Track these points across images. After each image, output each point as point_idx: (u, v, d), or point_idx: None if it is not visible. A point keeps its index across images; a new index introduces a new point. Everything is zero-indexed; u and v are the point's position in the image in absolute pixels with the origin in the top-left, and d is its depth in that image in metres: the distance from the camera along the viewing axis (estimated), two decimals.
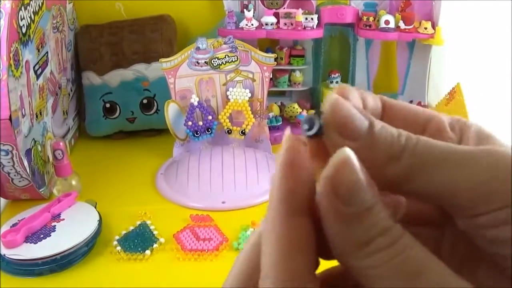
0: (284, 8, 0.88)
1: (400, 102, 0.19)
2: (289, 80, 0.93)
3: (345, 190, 0.15)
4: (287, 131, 0.17)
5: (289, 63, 0.92)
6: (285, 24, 0.86)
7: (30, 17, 0.69)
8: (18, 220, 0.60)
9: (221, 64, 0.79)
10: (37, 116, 0.70)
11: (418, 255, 0.15)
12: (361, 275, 0.15)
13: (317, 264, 0.16)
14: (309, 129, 0.16)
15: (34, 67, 0.70)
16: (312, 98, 0.96)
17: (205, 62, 0.79)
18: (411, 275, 0.14)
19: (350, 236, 0.15)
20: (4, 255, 0.56)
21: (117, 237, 0.61)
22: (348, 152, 0.15)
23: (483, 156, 0.16)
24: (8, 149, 0.61)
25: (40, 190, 0.69)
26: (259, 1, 0.88)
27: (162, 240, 0.61)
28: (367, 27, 0.86)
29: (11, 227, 0.59)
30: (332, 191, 0.15)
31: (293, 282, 0.15)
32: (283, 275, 0.15)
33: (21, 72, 0.64)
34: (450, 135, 0.18)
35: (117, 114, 0.89)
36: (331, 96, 0.17)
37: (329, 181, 0.15)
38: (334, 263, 0.17)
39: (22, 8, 0.66)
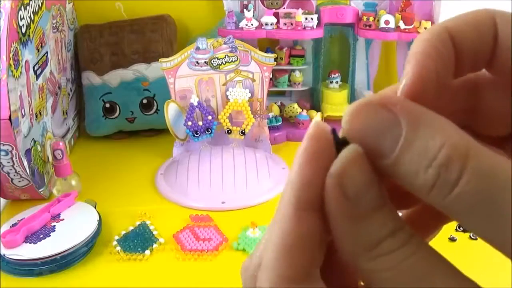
0: (284, 8, 0.88)
1: None
2: (289, 80, 0.93)
3: (353, 189, 0.14)
4: (317, 117, 0.17)
5: (289, 63, 0.92)
6: (285, 24, 0.86)
7: (30, 17, 0.69)
8: (18, 220, 0.60)
9: (221, 64, 0.79)
10: (36, 116, 0.70)
11: (429, 258, 0.14)
12: (370, 279, 0.15)
13: (321, 261, 0.16)
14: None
15: (33, 67, 0.70)
16: (312, 98, 0.96)
17: (205, 62, 0.79)
18: (421, 279, 0.14)
19: (358, 236, 0.14)
20: (4, 255, 0.56)
21: (116, 237, 0.61)
22: (356, 149, 0.15)
23: None
24: (7, 149, 0.61)
25: (40, 190, 0.69)
26: (259, 1, 0.88)
27: (161, 240, 0.61)
28: (367, 27, 0.86)
29: (10, 227, 0.59)
30: (340, 189, 0.15)
31: (292, 278, 0.15)
32: (282, 270, 0.15)
33: (20, 72, 0.64)
34: None
35: (116, 114, 0.89)
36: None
37: (336, 179, 0.15)
38: None
39: (22, 8, 0.66)
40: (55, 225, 0.60)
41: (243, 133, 0.80)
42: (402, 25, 0.85)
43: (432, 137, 0.14)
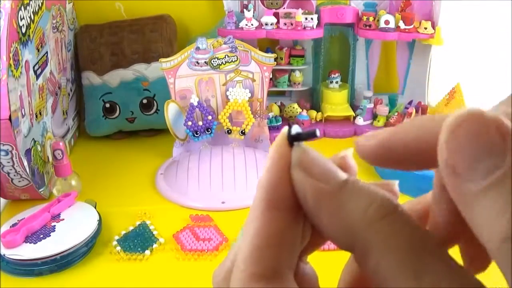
0: (284, 8, 0.88)
1: None
2: (289, 80, 0.93)
3: (317, 169, 0.16)
4: (285, 128, 0.18)
5: (289, 63, 0.92)
6: (285, 24, 0.86)
7: (30, 17, 0.69)
8: (18, 220, 0.60)
9: (221, 64, 0.79)
10: (36, 116, 0.70)
11: (419, 230, 0.14)
12: (367, 249, 0.15)
13: (293, 264, 0.16)
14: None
15: (33, 67, 0.70)
16: (312, 98, 0.96)
17: (205, 62, 0.79)
18: (415, 252, 0.14)
19: (346, 208, 0.15)
20: (4, 255, 0.56)
21: (116, 237, 0.61)
22: (303, 145, 0.16)
23: None
24: (7, 149, 0.61)
25: (40, 190, 0.69)
26: (259, 1, 0.88)
27: (161, 240, 0.61)
28: (367, 27, 0.86)
29: (11, 227, 0.59)
30: (305, 173, 0.16)
31: (262, 275, 0.15)
32: (252, 267, 0.15)
33: (20, 72, 0.64)
34: None
35: (116, 114, 0.89)
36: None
37: (299, 166, 0.16)
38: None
39: (22, 8, 0.66)
40: (55, 225, 0.60)
41: (243, 133, 0.80)
42: (402, 25, 0.85)
43: None
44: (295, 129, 0.17)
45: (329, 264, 0.37)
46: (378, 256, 0.14)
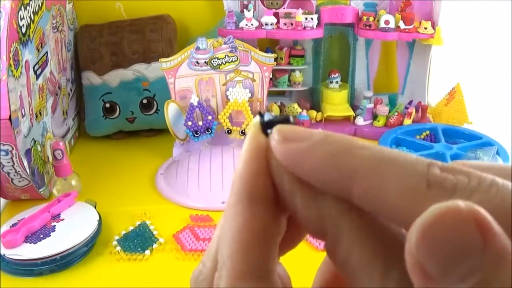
0: (284, 8, 0.88)
1: None
2: (289, 80, 0.93)
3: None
4: (255, 118, 0.17)
5: (289, 63, 0.92)
6: (285, 24, 0.86)
7: (30, 17, 0.69)
8: (18, 220, 0.60)
9: (221, 64, 0.79)
10: (36, 116, 0.70)
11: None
12: (342, 235, 0.15)
13: (276, 260, 0.16)
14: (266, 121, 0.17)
15: (33, 67, 0.70)
16: (312, 98, 0.96)
17: (205, 62, 0.79)
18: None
19: (322, 193, 0.15)
20: (4, 255, 0.56)
21: (116, 237, 0.61)
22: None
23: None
24: (7, 149, 0.61)
25: (40, 190, 0.69)
26: (259, 1, 0.88)
27: (161, 240, 0.61)
28: (367, 27, 0.86)
29: (11, 227, 0.59)
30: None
31: (250, 274, 0.15)
32: (240, 266, 0.15)
33: (20, 72, 0.64)
34: None
35: (116, 114, 0.89)
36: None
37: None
38: None
39: (22, 8, 0.66)
40: (55, 225, 0.60)
41: (243, 133, 0.80)
42: (402, 25, 0.85)
43: None
44: (268, 116, 0.17)
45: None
46: (349, 244, 0.14)
